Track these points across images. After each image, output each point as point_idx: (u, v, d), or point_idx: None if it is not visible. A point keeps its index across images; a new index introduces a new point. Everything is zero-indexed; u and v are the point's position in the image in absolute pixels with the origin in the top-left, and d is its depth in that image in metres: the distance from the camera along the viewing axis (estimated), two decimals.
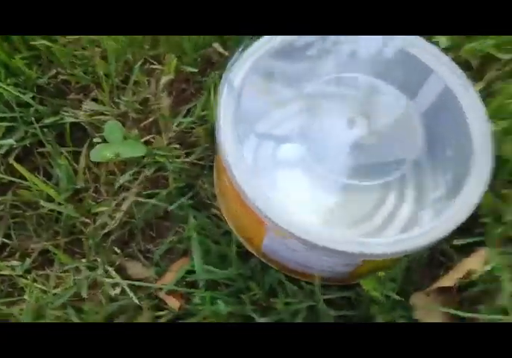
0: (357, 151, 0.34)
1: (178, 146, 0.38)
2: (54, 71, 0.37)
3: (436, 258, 0.36)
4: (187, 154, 0.38)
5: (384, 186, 0.35)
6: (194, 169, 0.38)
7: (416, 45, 0.35)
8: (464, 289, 0.33)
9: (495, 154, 0.33)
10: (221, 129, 0.31)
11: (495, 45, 0.35)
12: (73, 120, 0.36)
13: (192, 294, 0.32)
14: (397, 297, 0.30)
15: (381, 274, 0.30)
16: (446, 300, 0.34)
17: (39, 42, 0.36)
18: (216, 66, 0.39)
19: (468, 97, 0.34)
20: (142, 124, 0.38)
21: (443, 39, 0.34)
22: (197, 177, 0.38)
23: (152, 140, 0.38)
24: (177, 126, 0.38)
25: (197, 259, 0.31)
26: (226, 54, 0.39)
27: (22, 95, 0.36)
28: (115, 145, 0.33)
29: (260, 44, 0.34)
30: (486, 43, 0.35)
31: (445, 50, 0.37)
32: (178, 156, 0.38)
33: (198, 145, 0.38)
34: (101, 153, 0.32)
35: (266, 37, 0.35)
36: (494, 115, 0.32)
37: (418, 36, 0.35)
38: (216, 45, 0.39)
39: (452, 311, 0.31)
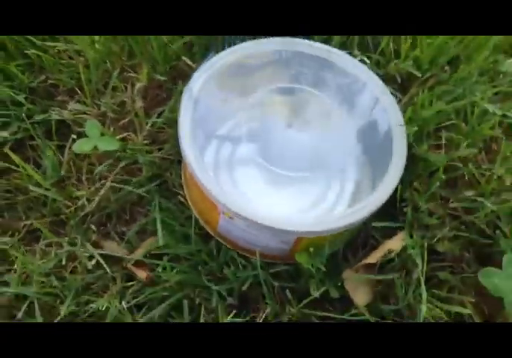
0: (297, 149, 0.41)
1: (150, 143, 0.45)
2: (44, 76, 0.43)
3: (368, 241, 0.43)
4: (159, 150, 0.45)
5: (327, 177, 0.42)
6: (164, 163, 0.44)
7: (348, 61, 0.42)
8: (386, 265, 0.40)
9: (414, 154, 0.41)
10: (180, 129, 0.37)
11: (414, 64, 0.42)
12: (59, 118, 0.42)
13: (157, 266, 0.39)
14: (324, 269, 0.36)
15: (311, 249, 0.37)
16: (370, 274, 0.40)
17: (32, 51, 0.42)
18: (184, 76, 0.45)
19: (391, 106, 0.41)
20: (119, 123, 0.44)
21: (365, 59, 0.41)
22: (166, 169, 0.44)
23: (128, 137, 0.44)
24: (150, 126, 0.44)
25: (159, 234, 0.38)
26: (193, 66, 0.45)
27: (15, 96, 0.42)
28: (93, 140, 0.39)
29: (218, 58, 0.41)
30: (406, 63, 0.42)
31: (377, 66, 0.44)
32: (150, 152, 0.44)
33: (168, 143, 0.45)
34: (82, 145, 0.38)
35: (223, 52, 0.41)
36: (409, 121, 0.39)
37: (349, 55, 0.42)
38: (185, 58, 0.45)
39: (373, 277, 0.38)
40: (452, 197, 0.40)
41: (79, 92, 0.43)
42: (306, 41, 0.43)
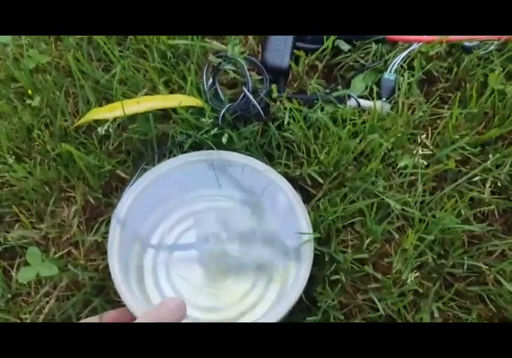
0: (221, 257, 0.46)
1: (92, 251, 0.49)
2: None
3: None
4: (102, 259, 0.49)
5: (254, 279, 0.47)
6: (105, 273, 0.48)
7: (267, 170, 0.47)
8: None
9: (323, 251, 0.45)
10: (109, 256, 0.42)
11: (320, 167, 0.47)
12: (5, 245, 0.46)
13: None
14: None
15: None
16: None
17: None
18: (119, 185, 0.50)
19: (300, 210, 0.46)
20: (61, 240, 0.48)
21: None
22: (107, 279, 0.48)
23: (71, 252, 0.49)
24: (91, 237, 0.49)
25: None
26: (127, 177, 0.50)
27: None
28: (35, 268, 0.44)
29: (148, 174, 0.47)
30: (312, 168, 0.47)
31: (295, 168, 0.49)
32: (92, 260, 0.49)
33: None
34: (25, 274, 0.43)
35: (149, 171, 0.47)
36: (317, 220, 0.44)
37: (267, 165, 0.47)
38: (119, 171, 0.50)
39: None
40: (361, 289, 0.45)
41: (22, 217, 0.48)
42: (230, 152, 0.48)
